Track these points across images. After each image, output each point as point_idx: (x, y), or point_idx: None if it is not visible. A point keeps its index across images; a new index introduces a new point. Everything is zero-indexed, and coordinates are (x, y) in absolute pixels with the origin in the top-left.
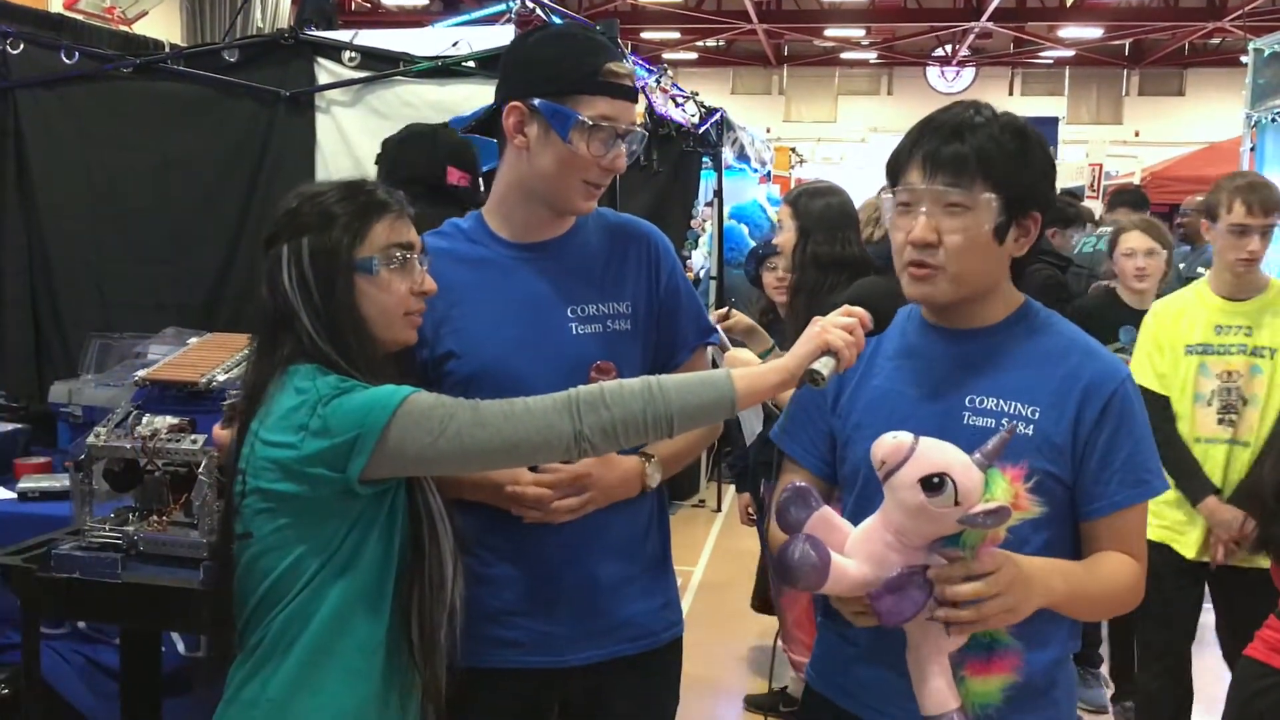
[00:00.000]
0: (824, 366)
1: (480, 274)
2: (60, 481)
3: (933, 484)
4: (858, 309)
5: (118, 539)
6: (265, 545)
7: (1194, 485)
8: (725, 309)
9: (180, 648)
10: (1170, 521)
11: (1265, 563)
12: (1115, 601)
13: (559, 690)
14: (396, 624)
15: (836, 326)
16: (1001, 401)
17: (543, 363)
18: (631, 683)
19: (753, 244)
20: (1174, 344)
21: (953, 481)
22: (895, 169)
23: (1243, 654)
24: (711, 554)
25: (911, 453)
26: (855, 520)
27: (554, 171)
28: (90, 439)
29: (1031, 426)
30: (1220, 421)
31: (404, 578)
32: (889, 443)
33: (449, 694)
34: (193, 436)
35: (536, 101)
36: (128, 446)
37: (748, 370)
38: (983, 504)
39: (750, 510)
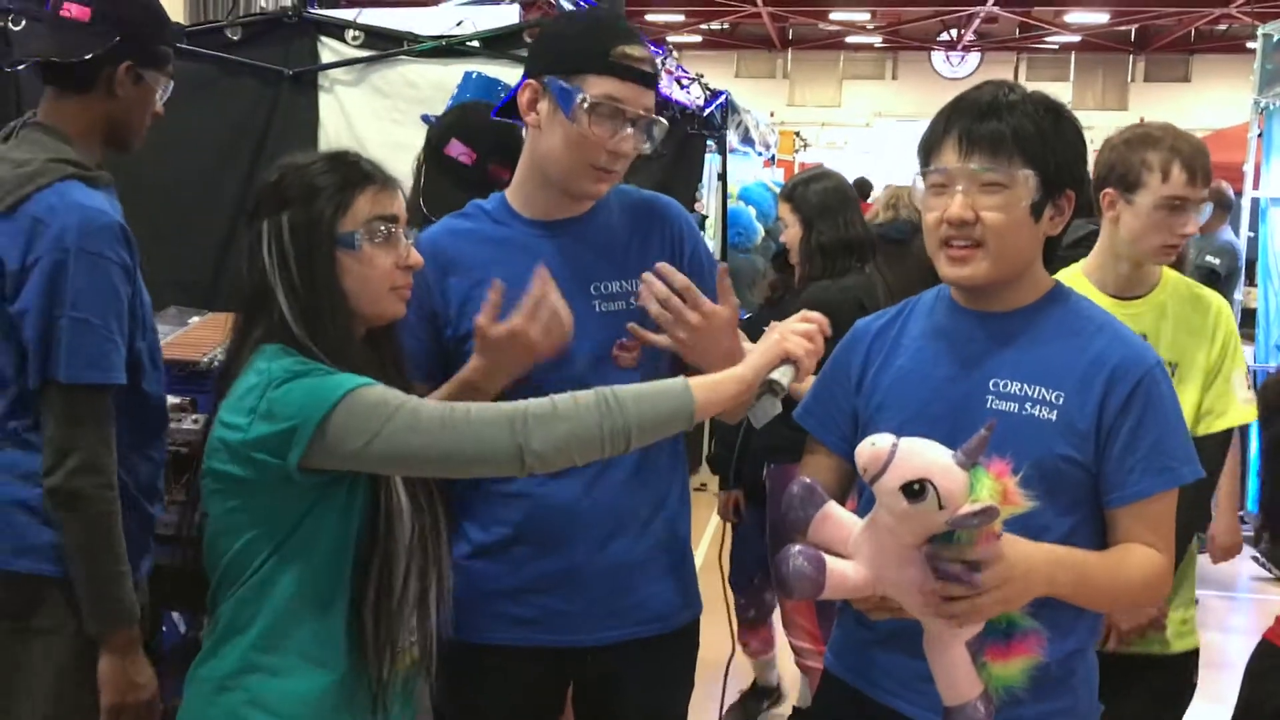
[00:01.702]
0: (783, 375)
1: (503, 253)
2: None
3: (914, 491)
4: (815, 314)
5: None
6: (219, 527)
7: None
8: None
9: (182, 627)
10: None
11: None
12: (1133, 595)
13: (573, 670)
14: (355, 615)
15: (794, 334)
16: (1026, 385)
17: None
18: (646, 666)
19: (759, 227)
20: None
21: (934, 487)
22: (928, 150)
23: (1263, 637)
24: (712, 537)
25: (890, 459)
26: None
27: (560, 151)
28: None
29: (1055, 411)
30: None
31: (359, 570)
32: (867, 450)
33: (454, 670)
34: (194, 416)
35: (547, 79)
36: None
37: (705, 379)
38: (969, 505)
39: (740, 504)
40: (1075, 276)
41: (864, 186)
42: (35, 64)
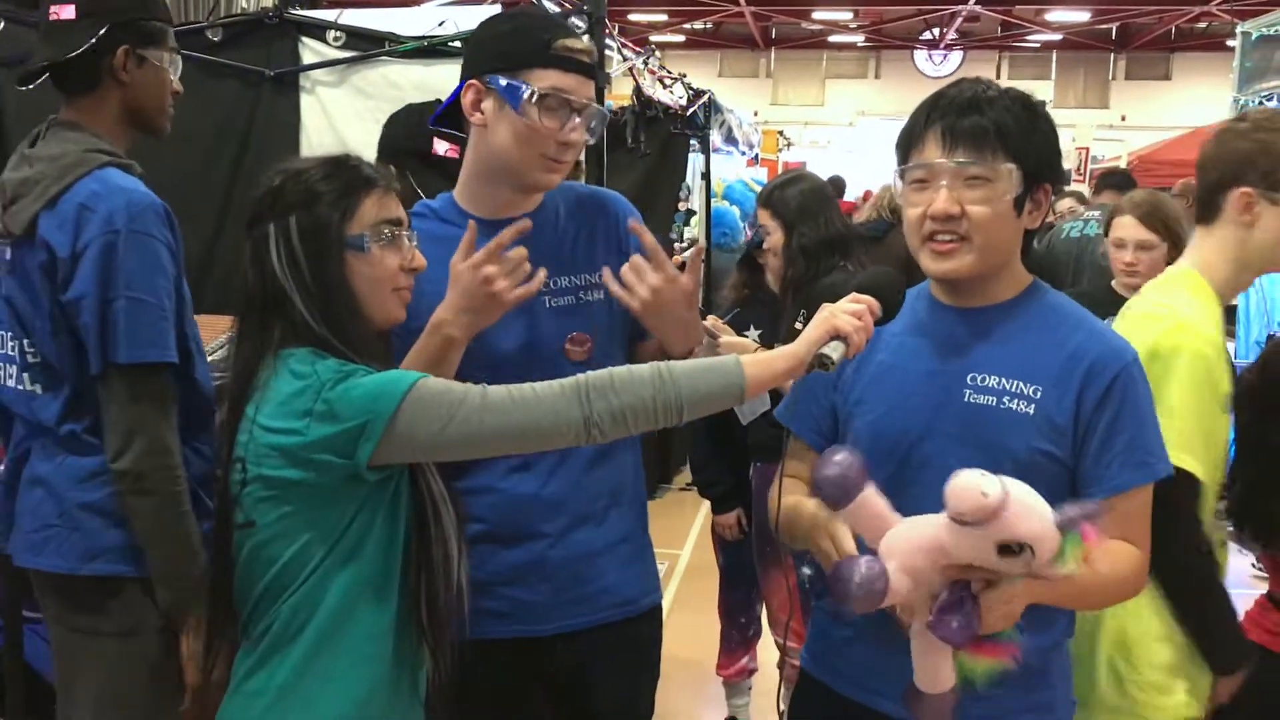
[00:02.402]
0: (833, 351)
1: (449, 251)
2: None
3: (1012, 551)
4: (866, 296)
5: None
6: (270, 533)
7: (1236, 650)
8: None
9: None
10: (1183, 698)
11: None
12: (1112, 593)
13: (541, 661)
14: (404, 607)
15: (845, 312)
16: (1004, 380)
17: (515, 336)
18: (612, 651)
19: (744, 227)
20: (1216, 393)
21: (1031, 551)
22: (907, 146)
23: None
24: (698, 538)
25: (997, 516)
26: None
27: (511, 146)
28: None
29: (1033, 406)
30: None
31: (410, 561)
32: (974, 498)
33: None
34: None
35: (490, 78)
36: None
37: (757, 356)
38: (1056, 567)
39: (743, 523)
40: (1190, 276)
41: (839, 184)
42: (44, 75)
